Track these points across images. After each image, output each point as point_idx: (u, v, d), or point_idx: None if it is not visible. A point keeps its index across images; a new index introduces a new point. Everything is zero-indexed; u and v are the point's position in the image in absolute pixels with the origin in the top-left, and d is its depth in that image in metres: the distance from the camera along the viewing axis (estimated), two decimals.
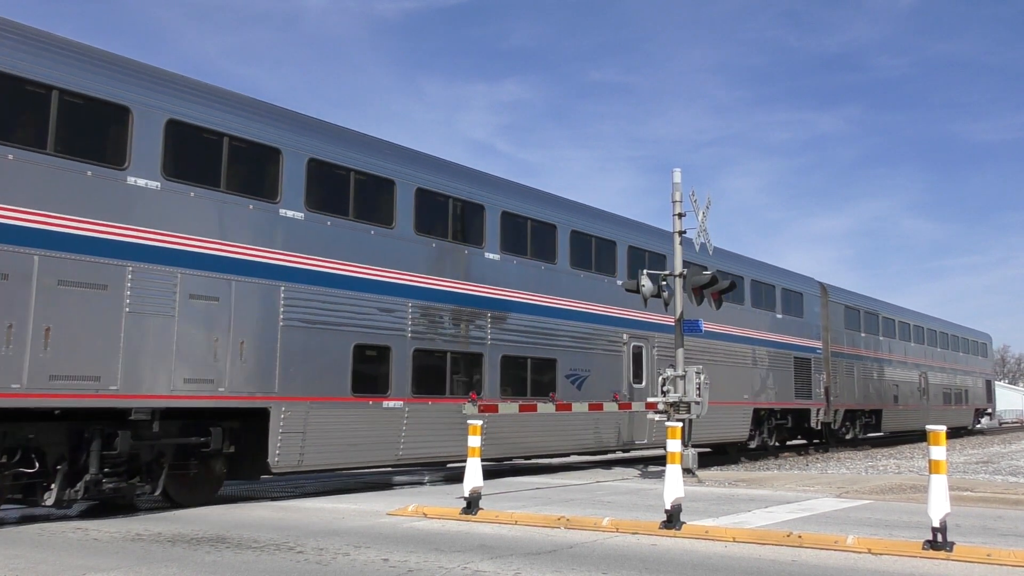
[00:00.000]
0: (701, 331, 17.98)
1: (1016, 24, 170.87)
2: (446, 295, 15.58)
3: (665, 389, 16.32)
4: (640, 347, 20.39)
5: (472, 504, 10.61)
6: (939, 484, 7.91)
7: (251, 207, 12.56)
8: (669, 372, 16.51)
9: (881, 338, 34.03)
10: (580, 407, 16.56)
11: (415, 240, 15.14)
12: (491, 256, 16.69)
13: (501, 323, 16.63)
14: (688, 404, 16.11)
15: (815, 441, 30.73)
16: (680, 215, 17.11)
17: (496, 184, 17.38)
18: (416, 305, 14.96)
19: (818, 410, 28.51)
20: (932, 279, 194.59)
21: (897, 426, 35.14)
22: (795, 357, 27.14)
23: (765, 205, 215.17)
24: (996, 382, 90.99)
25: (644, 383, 20.42)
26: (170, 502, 12.15)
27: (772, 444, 26.65)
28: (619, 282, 20.03)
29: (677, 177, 17.22)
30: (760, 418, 25.54)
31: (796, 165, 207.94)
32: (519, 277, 17.27)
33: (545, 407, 15.67)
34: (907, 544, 8.27)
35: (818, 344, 28.89)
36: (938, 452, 7.99)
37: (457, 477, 13.83)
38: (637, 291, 16.79)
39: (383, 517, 10.77)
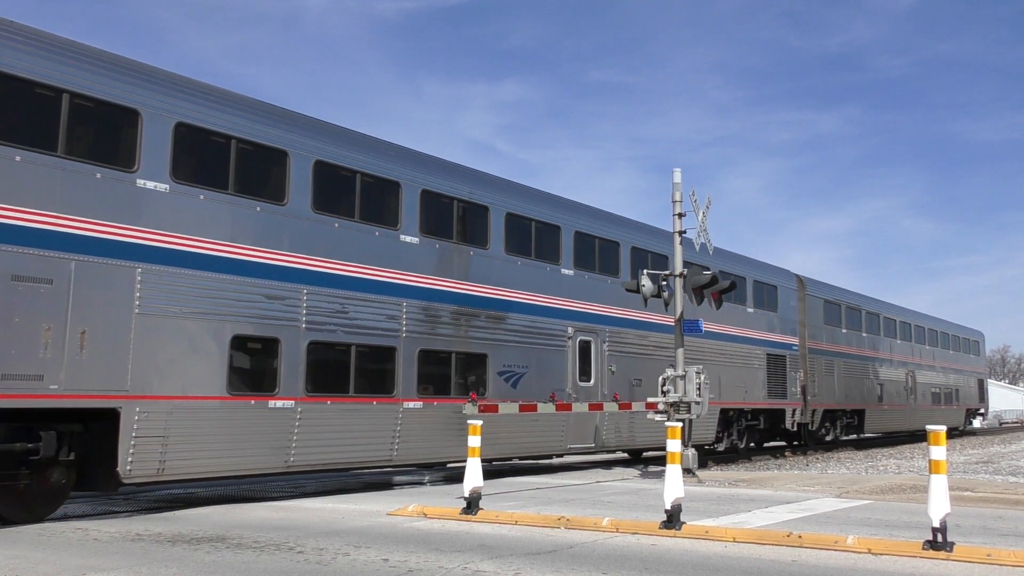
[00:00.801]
0: (701, 331, 17.73)
1: (1016, 24, 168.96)
2: (351, 281, 13.86)
3: (665, 389, 16.29)
4: (588, 341, 18.67)
5: (472, 504, 10.53)
6: (939, 484, 7.86)
7: (99, 176, 10.86)
8: (669, 372, 16.46)
9: (864, 334, 32.22)
10: (580, 407, 16.73)
11: (313, 220, 13.43)
12: (408, 239, 14.96)
13: (418, 314, 14.89)
14: (688, 404, 16.13)
15: (794, 443, 29.04)
16: (680, 215, 17.10)
17: (415, 159, 15.62)
18: (313, 292, 13.25)
19: (794, 410, 26.79)
20: (932, 279, 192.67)
21: (881, 427, 33.43)
22: (768, 354, 25.42)
23: (765, 205, 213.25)
24: (996, 382, 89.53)
25: (593, 381, 18.71)
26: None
27: (743, 447, 24.94)
28: (564, 271, 18.35)
29: (677, 177, 17.16)
30: (729, 419, 23.84)
31: (796, 165, 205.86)
32: (442, 263, 15.54)
33: (545, 407, 15.64)
34: (907, 544, 8.21)
35: (794, 340, 27.15)
36: (938, 452, 7.95)
37: (457, 477, 13.76)
38: (637, 291, 16.85)
39: (383, 517, 10.68)
